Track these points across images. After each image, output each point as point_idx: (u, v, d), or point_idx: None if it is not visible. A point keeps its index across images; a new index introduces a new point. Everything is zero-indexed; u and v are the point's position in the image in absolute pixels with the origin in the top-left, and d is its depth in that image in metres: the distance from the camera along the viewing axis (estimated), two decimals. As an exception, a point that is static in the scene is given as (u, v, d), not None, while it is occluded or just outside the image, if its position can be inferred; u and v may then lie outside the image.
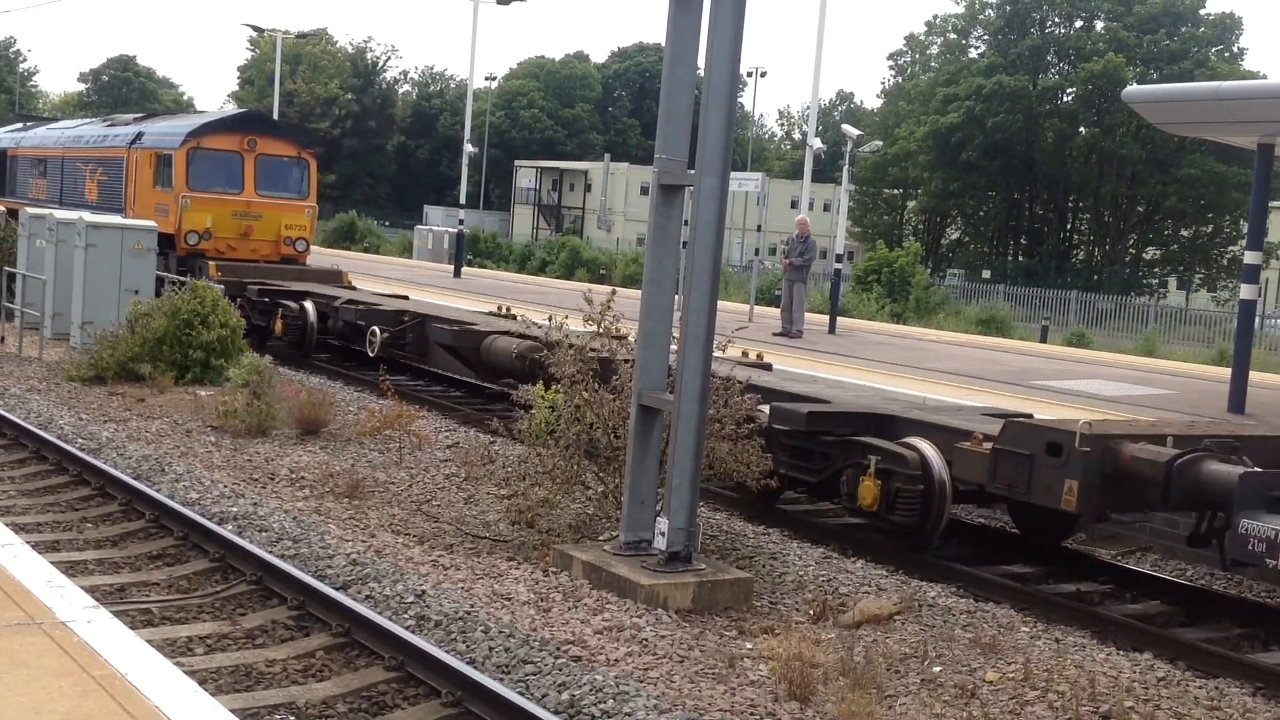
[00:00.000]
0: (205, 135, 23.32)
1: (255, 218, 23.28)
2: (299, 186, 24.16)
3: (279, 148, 24.03)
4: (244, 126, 24.17)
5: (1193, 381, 20.79)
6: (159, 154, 23.60)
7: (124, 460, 11.63)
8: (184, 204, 22.68)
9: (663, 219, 9.15)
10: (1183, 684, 7.60)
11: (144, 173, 23.97)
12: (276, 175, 23.91)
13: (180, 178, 22.80)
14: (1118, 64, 63.73)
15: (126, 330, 16.55)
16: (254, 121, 25.51)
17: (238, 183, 23.27)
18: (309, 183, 24.32)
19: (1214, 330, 36.53)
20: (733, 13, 8.61)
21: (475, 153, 51.42)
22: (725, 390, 10.12)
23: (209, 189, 22.99)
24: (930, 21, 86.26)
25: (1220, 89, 17.32)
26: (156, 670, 5.31)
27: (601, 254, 54.60)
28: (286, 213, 23.71)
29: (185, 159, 22.86)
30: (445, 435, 14.16)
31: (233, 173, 23.30)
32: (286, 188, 24.05)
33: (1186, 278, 70.13)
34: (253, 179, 23.38)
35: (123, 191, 24.67)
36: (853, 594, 9.10)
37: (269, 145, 23.84)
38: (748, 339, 13.61)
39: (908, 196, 79.08)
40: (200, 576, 8.61)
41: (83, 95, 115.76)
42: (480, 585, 8.58)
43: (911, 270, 39.77)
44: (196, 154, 23.03)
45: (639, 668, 7.21)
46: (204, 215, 22.71)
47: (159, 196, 23.36)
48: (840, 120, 73.41)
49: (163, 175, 23.38)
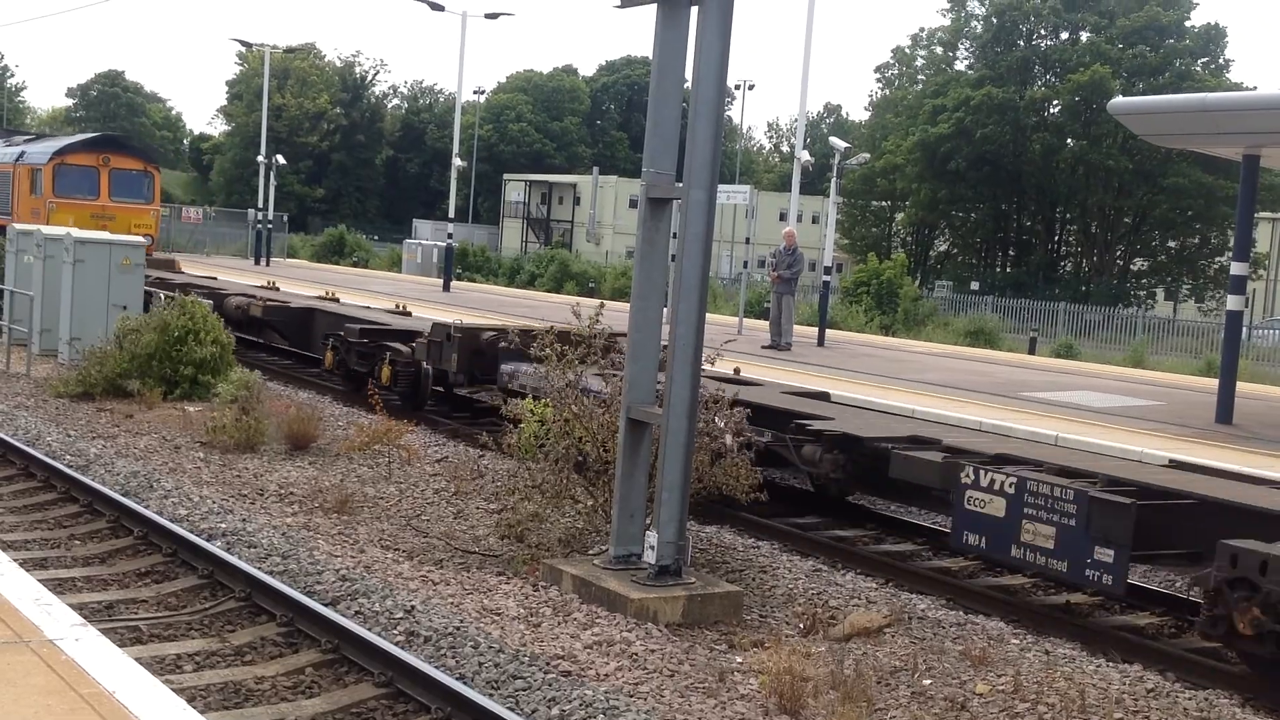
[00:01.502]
0: (68, 154, 29.98)
1: (109, 218, 28.60)
2: (146, 193, 30.80)
3: (129, 163, 30.77)
4: (100, 146, 31.21)
5: (1181, 392, 20.83)
6: (33, 169, 29.73)
7: (112, 477, 11.59)
8: (51, 208, 28.65)
9: (651, 232, 9.16)
10: (1172, 695, 7.61)
11: (23, 183, 30.07)
12: (127, 185, 30.41)
13: (48, 187, 29.09)
14: (1103, 75, 63.96)
15: (114, 346, 16.51)
16: (108, 142, 32.90)
17: (95, 191, 29.60)
18: (153, 190, 31.28)
19: (1201, 341, 36.65)
20: (720, 26, 8.64)
21: (464, 166, 51.38)
22: (714, 404, 10.13)
23: (71, 196, 29.15)
24: (917, 35, 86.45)
25: (1206, 100, 17.39)
26: (145, 688, 5.28)
27: (590, 267, 54.58)
28: (135, 215, 29.80)
29: (52, 172, 29.28)
30: (434, 450, 14.15)
31: (91, 183, 29.69)
32: (135, 195, 30.54)
33: (1174, 289, 70.33)
34: (107, 188, 29.82)
35: (10, 199, 30.68)
36: (843, 607, 9.10)
37: (121, 161, 30.52)
38: (737, 352, 13.61)
39: (896, 209, 79.23)
40: (189, 593, 8.59)
41: (70, 110, 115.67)
42: (470, 600, 8.56)
43: (900, 282, 39.85)
44: (61, 168, 29.45)
45: (629, 682, 7.20)
46: (68, 216, 27.65)
47: (34, 203, 29.28)
48: (828, 133, 73.56)
49: (36, 185, 29.49)
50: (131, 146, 35.60)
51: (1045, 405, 16.94)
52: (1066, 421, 14.99)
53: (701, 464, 9.76)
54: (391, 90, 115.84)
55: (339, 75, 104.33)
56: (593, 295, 38.32)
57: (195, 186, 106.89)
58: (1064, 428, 14.13)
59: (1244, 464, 11.36)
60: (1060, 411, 16.28)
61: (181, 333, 16.16)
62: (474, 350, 15.51)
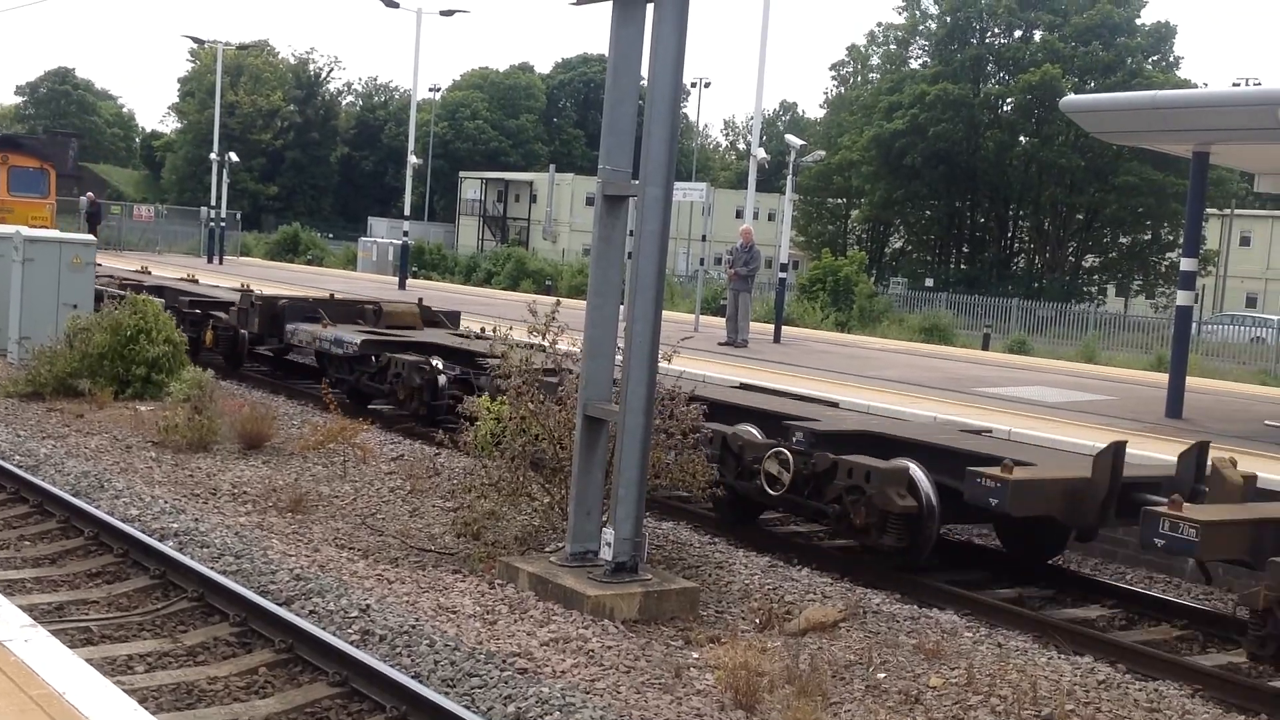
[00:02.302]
0: None
1: (9, 211, 31.28)
2: (42, 189, 34.10)
3: (27, 161, 34.32)
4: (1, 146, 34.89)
5: (1132, 387, 21.06)
6: None
7: (62, 477, 11.47)
8: None
9: (607, 229, 9.16)
10: (1123, 686, 7.70)
11: None
12: (26, 181, 33.69)
13: None
14: (1054, 75, 64.58)
15: (65, 345, 16.34)
16: (7, 142, 37.21)
17: None
18: (49, 186, 34.56)
19: (1152, 336, 37.06)
20: (675, 24, 8.64)
21: (419, 164, 51.25)
22: (671, 401, 10.15)
23: None
24: (872, 32, 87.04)
25: (1157, 98, 17.58)
26: (95, 689, 5.24)
27: (547, 265, 54.51)
28: (32, 208, 32.66)
29: None
30: (390, 448, 14.09)
31: None
32: (33, 190, 33.73)
33: (1125, 284, 71.12)
34: (6, 184, 33.10)
35: None
36: (798, 602, 9.14)
37: (19, 159, 34.05)
38: (693, 349, 13.66)
39: (851, 206, 79.66)
40: (140, 594, 8.51)
41: (20, 109, 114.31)
42: (425, 599, 8.54)
43: (855, 279, 40.04)
44: None
45: (585, 679, 7.20)
46: None
47: None
48: (784, 130, 74.00)
49: None
50: (29, 146, 40.03)
51: (1000, 400, 17.09)
52: (1021, 416, 15.13)
53: (658, 460, 9.78)
54: (346, 87, 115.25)
55: (293, 72, 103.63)
56: (550, 293, 38.27)
57: (147, 184, 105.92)
58: (1018, 422, 14.27)
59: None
60: (1014, 407, 16.42)
61: (133, 331, 16.00)
62: (271, 315, 18.16)
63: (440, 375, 14.88)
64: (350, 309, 18.59)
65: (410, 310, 18.86)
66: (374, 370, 16.03)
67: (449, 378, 14.83)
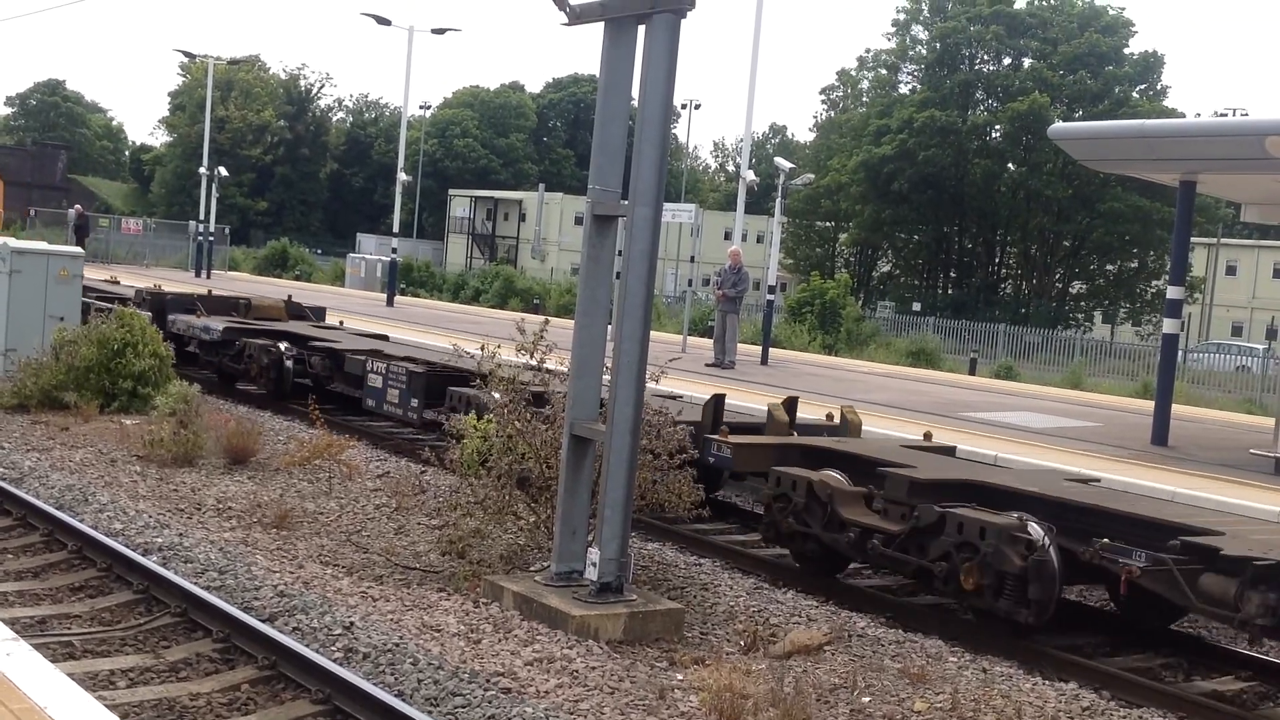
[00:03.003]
0: None
1: None
2: None
3: None
4: None
5: (1118, 414, 21.12)
6: None
7: (46, 490, 11.42)
8: None
9: (596, 249, 9.17)
10: (1107, 713, 7.70)
11: None
12: None
13: None
14: (1042, 104, 64.90)
15: (51, 358, 16.28)
16: None
17: None
18: None
19: (1138, 364, 37.16)
20: (667, 45, 8.67)
21: (409, 181, 51.20)
22: (658, 421, 10.15)
23: None
24: (862, 57, 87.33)
25: (1144, 127, 17.71)
26: (77, 704, 5.21)
27: (535, 284, 54.51)
28: None
29: None
30: (376, 465, 14.06)
31: None
32: None
33: (1111, 311, 71.31)
34: None
35: None
36: (783, 624, 9.13)
37: None
38: (681, 370, 13.66)
39: (839, 229, 79.80)
40: (124, 609, 8.47)
41: (9, 120, 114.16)
42: (410, 617, 8.51)
43: (843, 302, 40.09)
44: None
45: (569, 699, 7.18)
46: None
47: None
48: (773, 153, 74.09)
49: None
50: None
51: (987, 425, 17.13)
52: (1007, 441, 15.16)
53: (644, 481, 9.77)
54: (337, 104, 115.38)
55: (284, 88, 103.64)
56: (537, 311, 38.29)
57: (136, 197, 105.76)
58: (1005, 448, 14.30)
59: (1179, 485, 11.51)
60: (1001, 432, 16.46)
61: (120, 345, 15.96)
62: (158, 307, 20.78)
63: (286, 357, 18.04)
64: (225, 303, 21.75)
65: (276, 305, 21.71)
66: (234, 353, 18.85)
67: (291, 358, 18.04)
